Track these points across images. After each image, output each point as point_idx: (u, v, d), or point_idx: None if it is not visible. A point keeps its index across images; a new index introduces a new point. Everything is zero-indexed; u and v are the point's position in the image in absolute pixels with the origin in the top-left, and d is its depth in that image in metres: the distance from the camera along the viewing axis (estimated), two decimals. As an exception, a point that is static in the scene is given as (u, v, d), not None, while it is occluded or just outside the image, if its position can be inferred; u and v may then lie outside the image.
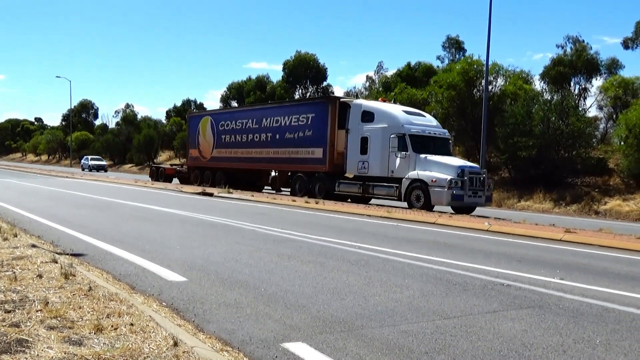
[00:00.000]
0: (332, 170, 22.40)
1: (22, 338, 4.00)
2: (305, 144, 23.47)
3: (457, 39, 49.65)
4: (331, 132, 22.32)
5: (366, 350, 4.38)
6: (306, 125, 23.57)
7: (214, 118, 30.44)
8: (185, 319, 5.03)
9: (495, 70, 35.63)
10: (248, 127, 27.14)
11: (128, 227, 11.70)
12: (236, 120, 28.18)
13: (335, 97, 24.20)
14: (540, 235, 12.78)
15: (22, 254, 7.30)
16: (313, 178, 23.11)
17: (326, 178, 22.47)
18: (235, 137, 28.11)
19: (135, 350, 3.87)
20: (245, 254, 8.61)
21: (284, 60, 57.74)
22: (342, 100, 23.01)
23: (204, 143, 30.48)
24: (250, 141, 26.87)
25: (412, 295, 6.26)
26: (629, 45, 38.91)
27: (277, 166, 25.81)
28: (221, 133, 29.17)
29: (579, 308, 5.99)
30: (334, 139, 22.28)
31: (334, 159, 22.32)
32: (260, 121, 26.26)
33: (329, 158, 22.31)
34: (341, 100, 22.88)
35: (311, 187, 22.95)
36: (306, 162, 23.40)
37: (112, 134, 76.38)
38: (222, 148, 29.02)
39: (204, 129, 30.58)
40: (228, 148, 28.62)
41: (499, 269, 8.21)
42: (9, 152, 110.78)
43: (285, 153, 24.62)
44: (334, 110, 22.40)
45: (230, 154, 28.45)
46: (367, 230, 12.83)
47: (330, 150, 22.26)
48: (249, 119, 27.24)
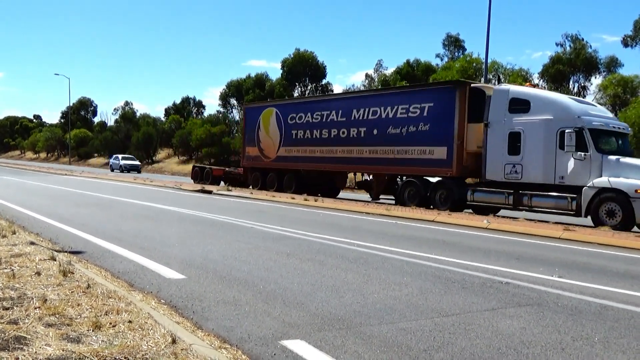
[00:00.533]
0: (460, 175, 18.08)
1: (20, 335, 4.00)
2: (419, 142, 18.99)
3: (457, 37, 49.71)
4: (459, 126, 17.81)
5: (364, 347, 4.38)
6: (420, 117, 19.02)
7: (281, 110, 25.39)
8: (184, 317, 5.03)
9: (495, 69, 35.66)
10: (331, 120, 22.45)
11: (127, 224, 11.69)
12: (313, 113, 23.39)
13: (465, 82, 19.36)
14: (539, 233, 12.79)
15: (20, 251, 7.30)
16: (431, 184, 18.74)
17: (452, 184, 18.05)
18: (311, 133, 23.36)
19: (134, 348, 3.86)
20: (244, 252, 8.61)
21: (283, 58, 57.64)
22: (474, 86, 18.45)
23: (267, 140, 25.68)
24: (334, 138, 22.17)
25: (411, 293, 6.26)
26: (629, 43, 38.94)
27: (373, 168, 21.15)
28: (291, 128, 24.32)
29: (577, 306, 5.99)
30: (462, 135, 17.79)
31: (462, 160, 17.84)
32: (350, 113, 21.57)
33: (456, 159, 17.78)
34: (473, 86, 18.31)
35: (429, 195, 18.50)
36: (420, 164, 18.90)
37: (110, 131, 76.35)
38: (292, 146, 24.25)
39: (267, 123, 25.81)
40: (300, 146, 23.85)
41: (498, 266, 8.22)
42: (8, 150, 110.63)
43: (387, 152, 20.07)
44: (463, 99, 17.84)
45: (305, 152, 23.65)
46: (366, 228, 12.83)
47: (459, 150, 17.77)
48: (332, 110, 22.50)
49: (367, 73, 59.07)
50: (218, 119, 59.57)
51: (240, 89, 61.22)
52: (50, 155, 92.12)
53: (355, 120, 21.29)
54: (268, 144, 25.57)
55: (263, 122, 26.02)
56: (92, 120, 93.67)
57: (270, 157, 25.47)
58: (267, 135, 25.64)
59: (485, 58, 26.54)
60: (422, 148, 18.91)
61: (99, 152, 76.94)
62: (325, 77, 58.33)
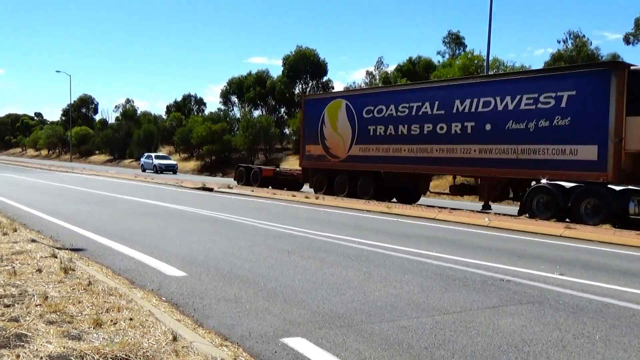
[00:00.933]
0: (617, 180, 14.43)
1: (21, 332, 4.00)
2: (556, 139, 15.48)
3: (458, 34, 49.56)
4: (616, 119, 14.33)
5: (365, 345, 4.38)
6: (556, 109, 15.55)
7: (353, 102, 21.64)
8: (185, 314, 5.03)
9: (496, 66, 35.61)
10: (423, 113, 18.73)
11: (128, 222, 11.70)
12: (398, 105, 19.67)
13: (623, 64, 15.45)
14: (540, 231, 12.78)
15: (21, 248, 7.30)
16: (572, 191, 14.99)
17: (607, 193, 14.30)
18: (395, 129, 19.66)
19: (135, 345, 3.86)
20: (245, 249, 8.61)
21: (284, 55, 57.59)
22: (635, 69, 14.54)
23: (334, 137, 22.03)
24: (429, 134, 18.56)
25: (412, 291, 6.26)
26: (630, 41, 38.85)
27: (485, 171, 17.26)
28: (367, 123, 20.67)
29: (578, 304, 5.99)
30: (620, 131, 14.30)
31: (620, 162, 14.36)
32: (450, 105, 17.95)
33: (613, 161, 14.28)
34: (633, 69, 14.51)
35: (571, 206, 14.81)
36: (557, 167, 15.42)
37: (111, 129, 76.32)
38: (370, 144, 20.59)
39: (334, 118, 22.13)
40: (381, 144, 20.19)
41: (499, 264, 8.21)
42: (9, 147, 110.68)
43: (505, 152, 16.55)
44: (621, 85, 14.31)
45: (387, 151, 19.98)
46: (367, 226, 12.83)
47: (616, 149, 14.27)
48: (425, 102, 18.76)
49: (368, 70, 59.08)
50: (219, 117, 59.53)
51: (241, 86, 61.18)
52: (51, 153, 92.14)
53: (458, 114, 17.69)
54: (336, 142, 21.96)
55: (329, 116, 22.37)
56: (93, 118, 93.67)
57: (338, 156, 21.80)
58: (335, 132, 22.06)
59: (487, 55, 26.50)
60: (559, 147, 15.43)
61: (100, 150, 76.97)
62: (327, 74, 58.32)
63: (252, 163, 49.34)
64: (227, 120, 58.61)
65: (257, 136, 48.75)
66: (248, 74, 62.11)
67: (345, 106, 21.78)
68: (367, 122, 20.70)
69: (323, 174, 22.60)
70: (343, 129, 21.63)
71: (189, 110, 71.41)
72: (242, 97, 61.16)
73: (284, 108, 59.63)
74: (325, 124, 22.51)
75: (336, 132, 21.97)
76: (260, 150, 50.71)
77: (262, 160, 50.21)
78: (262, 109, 60.09)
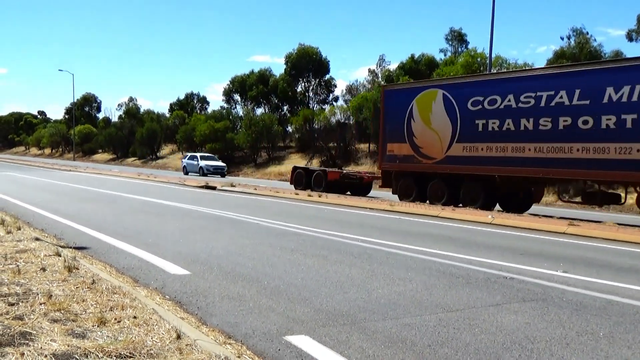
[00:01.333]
0: None
1: (26, 331, 4.01)
2: None
3: (460, 32, 49.48)
4: None
5: (369, 343, 4.38)
6: None
7: (454, 92, 18.13)
8: (189, 312, 5.04)
9: (499, 63, 35.52)
10: (557, 104, 15.44)
11: (131, 220, 11.72)
12: (519, 95, 16.29)
13: None
14: (544, 228, 12.75)
15: (25, 247, 7.33)
16: None
17: None
18: (516, 124, 16.35)
19: (139, 343, 3.87)
20: (248, 248, 8.62)
21: (286, 54, 57.55)
22: None
23: (427, 133, 18.74)
24: (566, 129, 15.24)
25: (415, 289, 6.25)
26: (633, 38, 38.71)
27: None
28: (474, 116, 17.30)
29: (582, 301, 5.98)
30: None
31: None
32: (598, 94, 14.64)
33: None
34: None
35: None
36: None
37: (114, 127, 76.43)
38: (478, 142, 17.19)
39: (426, 111, 18.80)
40: (493, 142, 16.90)
41: (502, 262, 8.20)
42: (12, 146, 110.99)
43: None
44: None
45: (504, 151, 16.61)
46: (370, 224, 12.82)
47: None
48: (560, 90, 15.45)
49: (370, 68, 58.98)
50: (222, 115, 59.56)
51: (244, 84, 61.20)
52: (54, 151, 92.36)
53: (611, 104, 14.41)
54: (429, 139, 18.63)
55: (419, 109, 19.02)
56: (96, 116, 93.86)
57: (433, 157, 18.49)
58: (428, 128, 18.71)
59: (490, 53, 26.41)
60: None
61: (103, 149, 77.11)
62: (329, 72, 58.30)
63: (255, 161, 49.46)
64: (230, 118, 58.64)
65: (260, 134, 48.76)
66: (251, 72, 62.17)
67: (441, 97, 18.31)
68: (473, 116, 17.29)
69: (411, 178, 19.33)
70: (439, 125, 18.28)
71: (191, 109, 71.49)
72: (245, 95, 61.16)
73: (286, 106, 59.67)
74: (415, 119, 19.14)
75: (429, 128, 18.64)
76: (263, 148, 50.74)
77: (264, 158, 50.26)
78: (265, 107, 60.16)
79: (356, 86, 55.55)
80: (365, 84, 54.47)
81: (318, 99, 58.69)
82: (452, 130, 17.89)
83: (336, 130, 43.37)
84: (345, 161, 41.11)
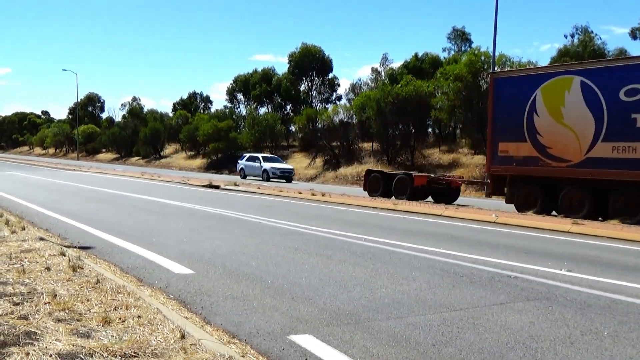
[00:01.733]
0: None
1: (31, 330, 4.03)
2: None
3: (463, 30, 49.40)
4: None
5: (373, 342, 4.38)
6: None
7: (597, 78, 14.98)
8: (193, 312, 5.05)
9: (502, 62, 35.38)
10: None
11: (135, 220, 11.75)
12: None
13: None
14: (548, 227, 12.73)
15: (30, 246, 7.35)
16: None
17: None
18: None
19: (143, 343, 3.88)
20: (252, 247, 8.63)
21: (289, 53, 57.48)
22: None
23: (557, 130, 15.77)
24: None
25: (419, 288, 6.25)
26: (637, 36, 38.58)
27: None
28: (631, 109, 14.18)
29: (586, 300, 5.96)
30: None
31: None
32: None
33: None
34: None
35: None
36: None
37: (118, 127, 76.55)
38: (634, 141, 14.12)
39: (556, 102, 15.79)
40: None
41: (506, 260, 8.19)
42: (17, 146, 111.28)
43: None
44: None
45: None
46: (373, 223, 12.82)
47: None
48: None
49: (373, 67, 58.91)
50: (225, 114, 59.58)
51: (247, 83, 61.21)
52: (58, 151, 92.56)
53: None
54: (561, 137, 15.68)
55: (546, 101, 16.01)
56: (99, 116, 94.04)
57: (567, 159, 15.51)
58: (558, 123, 15.73)
59: (493, 51, 26.34)
60: None
61: (107, 148, 77.24)
62: (332, 71, 58.22)
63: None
64: (233, 117, 58.66)
65: (263, 134, 48.74)
66: (254, 71, 62.15)
67: (579, 85, 15.25)
68: (630, 108, 14.19)
69: (534, 185, 16.38)
70: (576, 120, 15.32)
71: (195, 108, 71.55)
72: (248, 95, 61.15)
73: (289, 105, 59.61)
74: (539, 112, 16.16)
75: (561, 124, 15.66)
76: (266, 147, 50.74)
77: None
78: (268, 106, 60.14)
79: (359, 85, 55.54)
80: (369, 83, 54.47)
81: (321, 98, 58.65)
82: (596, 126, 14.84)
83: (339, 129, 43.33)
84: (349, 160, 41.06)
